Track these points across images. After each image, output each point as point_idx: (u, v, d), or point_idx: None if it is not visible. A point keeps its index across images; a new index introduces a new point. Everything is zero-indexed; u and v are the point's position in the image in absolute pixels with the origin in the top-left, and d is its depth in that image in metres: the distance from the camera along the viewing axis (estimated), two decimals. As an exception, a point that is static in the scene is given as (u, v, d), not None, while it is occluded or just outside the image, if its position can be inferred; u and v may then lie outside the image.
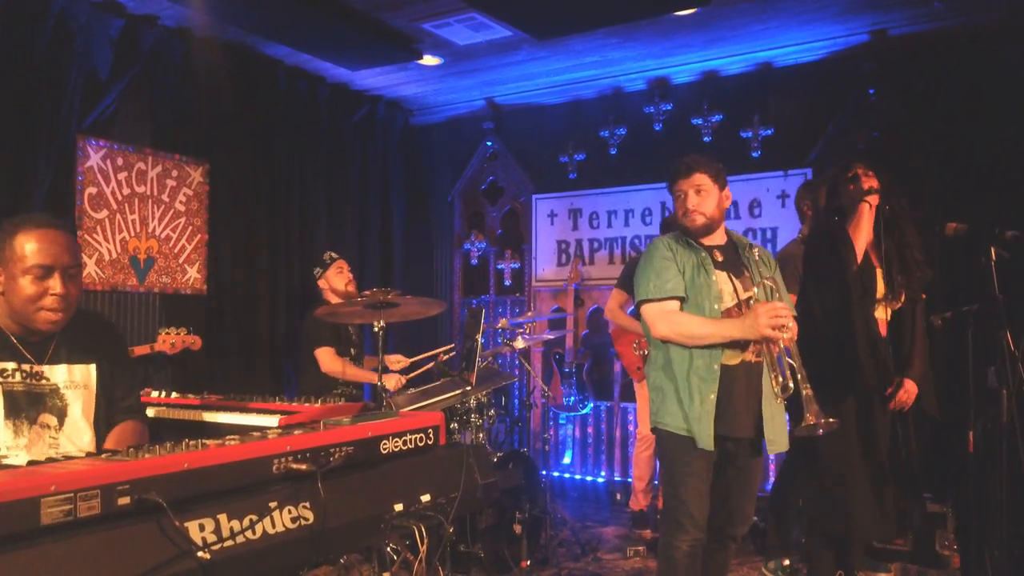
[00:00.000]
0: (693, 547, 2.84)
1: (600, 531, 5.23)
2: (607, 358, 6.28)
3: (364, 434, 1.98)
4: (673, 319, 2.88)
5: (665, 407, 2.92)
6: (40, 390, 2.19)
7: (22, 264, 2.11)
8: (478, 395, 4.01)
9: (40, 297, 2.13)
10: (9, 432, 2.11)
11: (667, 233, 4.87)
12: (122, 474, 1.49)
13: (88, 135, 4.71)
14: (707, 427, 2.81)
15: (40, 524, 1.37)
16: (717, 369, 2.84)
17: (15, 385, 2.14)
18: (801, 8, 4.75)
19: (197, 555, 1.50)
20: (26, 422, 2.14)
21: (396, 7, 4.74)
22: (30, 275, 2.11)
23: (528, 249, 6.75)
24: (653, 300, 2.92)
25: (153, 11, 4.81)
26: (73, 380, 2.25)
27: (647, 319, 2.94)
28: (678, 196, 3.02)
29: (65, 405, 2.22)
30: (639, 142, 6.25)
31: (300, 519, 1.71)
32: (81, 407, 2.25)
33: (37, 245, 2.12)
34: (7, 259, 2.13)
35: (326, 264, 4.64)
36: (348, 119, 6.38)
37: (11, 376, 2.14)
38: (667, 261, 2.94)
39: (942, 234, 3.11)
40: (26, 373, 2.17)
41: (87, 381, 2.28)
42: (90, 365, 2.30)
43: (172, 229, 5.18)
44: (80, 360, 2.28)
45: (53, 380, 2.21)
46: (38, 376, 2.19)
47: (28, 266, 2.11)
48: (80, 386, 2.26)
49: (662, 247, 3.00)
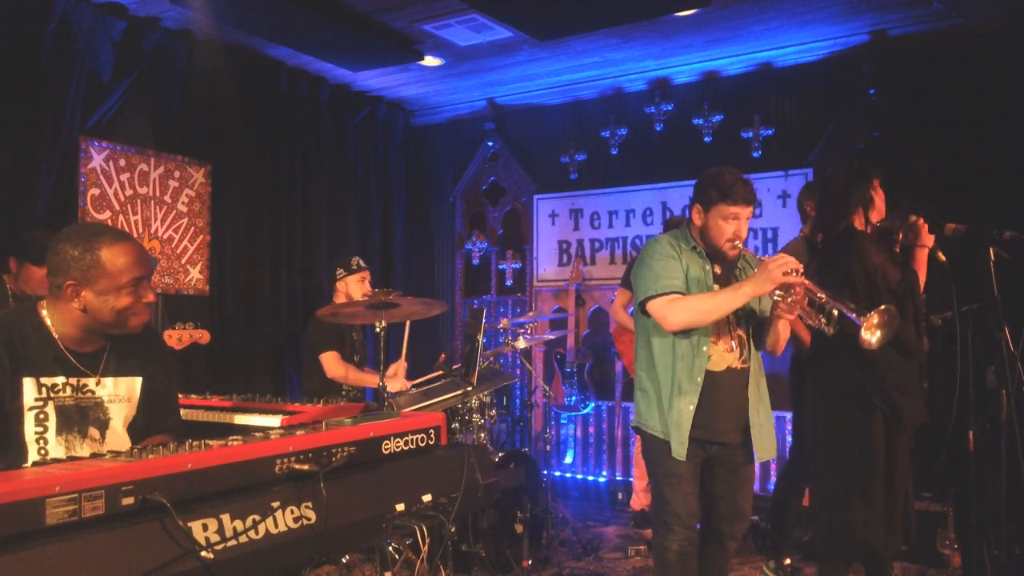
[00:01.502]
0: (683, 546, 2.84)
1: (601, 531, 5.24)
2: (608, 358, 6.29)
3: (366, 434, 1.98)
4: (684, 304, 2.78)
5: (650, 410, 2.91)
6: (87, 403, 2.16)
7: (117, 279, 2.08)
8: (479, 395, 4.02)
9: (134, 306, 2.13)
10: (62, 448, 2.09)
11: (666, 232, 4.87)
12: (126, 474, 1.50)
13: (91, 136, 4.73)
14: (682, 436, 2.80)
15: (45, 524, 1.38)
16: (700, 381, 2.81)
17: (66, 400, 2.12)
18: (801, 9, 4.76)
19: (200, 555, 1.51)
20: (78, 435, 2.12)
21: (397, 8, 4.75)
22: (126, 290, 2.10)
23: (529, 249, 6.76)
24: (658, 295, 2.82)
25: (155, 13, 4.83)
26: (118, 393, 2.22)
27: (656, 314, 2.82)
28: (728, 217, 2.83)
29: (108, 419, 2.20)
30: (640, 142, 6.26)
31: (303, 519, 1.72)
32: (123, 419, 2.23)
33: (129, 259, 2.11)
34: (92, 277, 2.07)
35: (352, 269, 4.56)
36: (350, 120, 6.40)
37: (62, 391, 2.12)
38: (671, 259, 2.88)
39: (941, 234, 3.12)
40: (74, 387, 2.14)
41: (131, 394, 2.25)
42: (136, 379, 2.27)
43: (174, 230, 5.19)
44: (128, 373, 2.25)
45: (99, 393, 2.19)
46: (84, 389, 2.16)
47: (126, 281, 2.09)
48: (124, 399, 2.23)
49: (665, 245, 2.93)
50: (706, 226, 2.90)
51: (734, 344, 2.90)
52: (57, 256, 2.08)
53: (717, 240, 2.88)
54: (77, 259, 2.06)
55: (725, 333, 2.89)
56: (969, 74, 5.04)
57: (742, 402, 2.91)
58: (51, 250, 2.10)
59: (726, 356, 2.88)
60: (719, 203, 2.84)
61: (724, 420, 2.87)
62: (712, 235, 2.89)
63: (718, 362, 2.86)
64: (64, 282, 2.07)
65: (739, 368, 2.90)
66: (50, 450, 2.07)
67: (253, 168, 5.61)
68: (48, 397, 2.09)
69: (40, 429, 2.07)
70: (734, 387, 2.89)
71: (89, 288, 2.08)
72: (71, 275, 2.07)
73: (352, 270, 4.59)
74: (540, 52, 5.47)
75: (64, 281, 2.07)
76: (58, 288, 2.09)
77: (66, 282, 2.07)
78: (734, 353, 2.90)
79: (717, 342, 2.87)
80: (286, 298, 5.81)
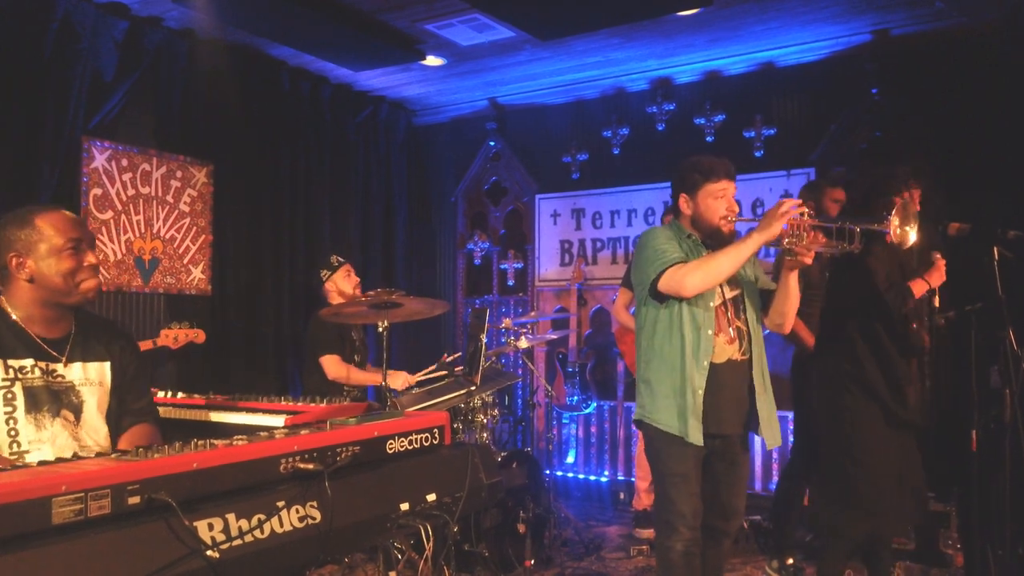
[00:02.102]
0: (687, 546, 2.83)
1: (603, 530, 5.24)
2: (610, 358, 6.29)
3: (370, 434, 1.98)
4: (695, 265, 2.77)
5: (655, 403, 2.90)
6: (58, 387, 2.22)
7: (54, 241, 2.16)
8: (482, 395, 4.02)
9: (77, 271, 2.19)
10: (31, 426, 2.15)
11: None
12: (132, 474, 1.49)
13: (93, 136, 4.73)
14: (696, 422, 2.80)
15: (51, 524, 1.38)
16: (707, 365, 2.83)
17: (34, 381, 2.18)
18: (803, 8, 4.76)
19: (206, 554, 1.50)
20: (48, 415, 2.18)
21: (399, 8, 4.75)
22: (65, 252, 2.17)
23: (531, 249, 6.76)
24: (665, 269, 2.81)
25: (157, 13, 4.83)
26: (88, 378, 2.28)
27: (671, 286, 2.78)
28: (717, 195, 2.88)
29: (81, 402, 2.25)
30: (642, 142, 6.26)
31: (308, 518, 1.72)
32: (96, 403, 2.28)
33: (64, 222, 2.19)
34: (31, 244, 2.16)
35: (334, 267, 4.61)
36: (351, 120, 6.40)
37: (30, 372, 2.18)
38: (670, 241, 2.90)
39: (945, 234, 3.12)
40: (43, 370, 2.20)
41: (102, 379, 2.31)
42: (104, 363, 2.33)
43: (176, 230, 5.20)
44: (94, 358, 2.31)
45: (69, 378, 2.25)
46: (54, 373, 2.22)
47: (62, 243, 2.17)
48: (95, 383, 2.29)
49: (661, 233, 2.96)
50: (697, 211, 2.93)
51: (733, 334, 2.91)
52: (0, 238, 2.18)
53: (712, 219, 2.90)
54: (15, 232, 2.16)
55: (725, 324, 2.90)
56: (971, 73, 5.03)
57: (743, 394, 2.92)
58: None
59: (726, 348, 2.89)
60: (705, 183, 2.89)
61: (727, 412, 2.88)
62: (706, 217, 2.91)
63: (719, 354, 2.87)
64: (7, 256, 2.16)
65: (739, 360, 2.91)
66: (20, 429, 2.13)
67: (255, 168, 5.61)
68: (15, 378, 2.15)
69: (8, 409, 2.13)
70: (735, 379, 2.90)
71: (30, 256, 2.16)
72: (13, 248, 2.16)
73: (334, 267, 4.62)
74: (542, 52, 5.47)
75: (7, 256, 2.16)
76: (4, 268, 2.18)
77: (9, 255, 2.16)
78: (734, 345, 2.90)
79: (718, 334, 2.87)
80: (288, 298, 5.81)
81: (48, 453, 2.15)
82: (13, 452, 2.12)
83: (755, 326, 2.97)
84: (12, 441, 2.11)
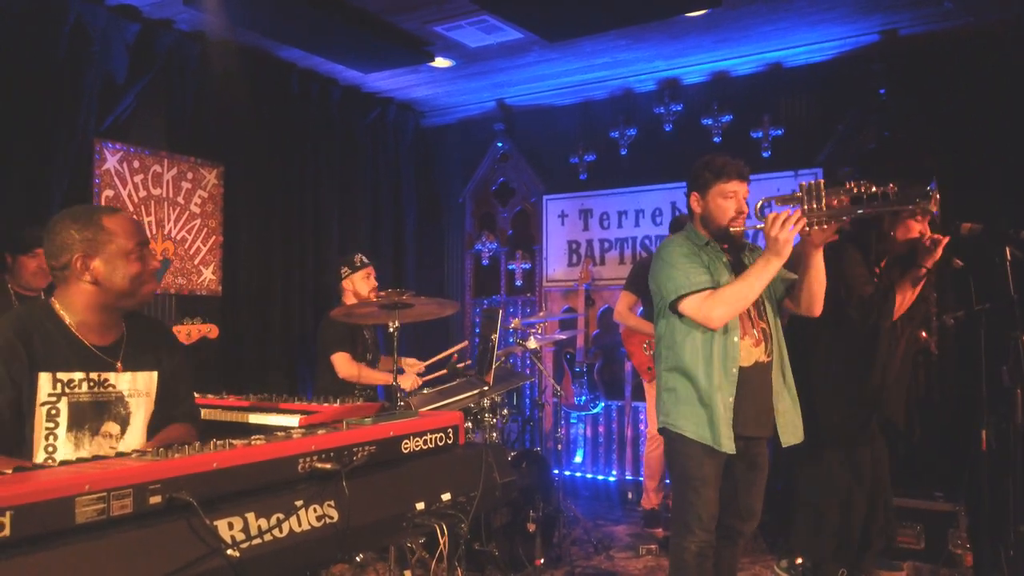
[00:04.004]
0: (702, 548, 2.85)
1: (612, 530, 5.25)
2: (618, 358, 6.30)
3: (386, 434, 2.00)
4: (721, 297, 2.78)
5: (679, 410, 2.89)
6: (106, 398, 2.16)
7: (125, 244, 2.13)
8: (492, 395, 4.03)
9: (143, 273, 2.17)
10: (70, 445, 2.08)
11: (677, 233, 4.88)
12: (154, 473, 1.51)
13: (105, 138, 4.76)
14: (728, 430, 2.81)
15: (75, 523, 1.39)
16: (735, 372, 2.83)
17: (81, 396, 2.11)
18: (811, 9, 4.76)
19: (227, 553, 1.52)
20: (88, 433, 2.11)
21: (409, 10, 4.77)
22: (134, 254, 2.14)
23: (539, 249, 6.78)
24: (690, 294, 2.82)
25: (168, 15, 4.86)
26: (137, 388, 2.23)
27: (697, 314, 2.81)
28: (727, 195, 2.89)
29: (129, 413, 2.20)
30: (649, 143, 6.27)
31: (325, 517, 1.74)
32: (143, 415, 2.24)
33: (131, 225, 2.17)
34: (101, 244, 2.10)
35: (356, 266, 4.61)
36: (360, 121, 6.42)
37: (78, 387, 2.11)
38: (692, 257, 2.89)
39: (957, 234, 3.12)
40: (93, 382, 2.14)
41: (149, 389, 2.26)
42: (153, 373, 2.28)
43: (187, 231, 5.22)
44: (145, 367, 2.26)
45: (119, 388, 2.19)
46: (105, 384, 2.16)
47: (131, 246, 2.14)
48: (143, 394, 2.24)
49: (682, 243, 2.95)
50: (707, 210, 2.95)
51: (759, 335, 2.92)
52: (59, 237, 2.10)
53: (721, 220, 2.92)
54: (81, 232, 2.09)
55: (749, 327, 2.91)
56: (979, 74, 5.03)
57: (768, 396, 2.93)
58: (50, 234, 2.11)
59: (752, 351, 2.90)
60: (715, 183, 2.91)
61: (752, 414, 2.88)
62: (715, 216, 2.93)
63: (746, 357, 2.88)
64: (72, 258, 2.09)
65: (765, 361, 2.92)
66: (58, 446, 2.06)
67: (265, 169, 5.64)
68: (62, 393, 2.07)
69: (51, 425, 2.05)
70: (761, 381, 2.91)
71: (98, 257, 2.10)
72: (77, 249, 2.09)
73: (356, 267, 4.62)
74: (550, 53, 5.49)
75: (71, 257, 2.09)
76: (65, 268, 2.10)
77: (73, 257, 2.08)
78: (760, 347, 2.91)
79: (744, 337, 2.88)
80: (298, 298, 5.84)
81: None
82: None
83: (776, 325, 2.98)
84: (48, 458, 2.04)
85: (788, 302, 3.02)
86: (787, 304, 3.03)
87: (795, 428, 2.99)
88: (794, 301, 2.99)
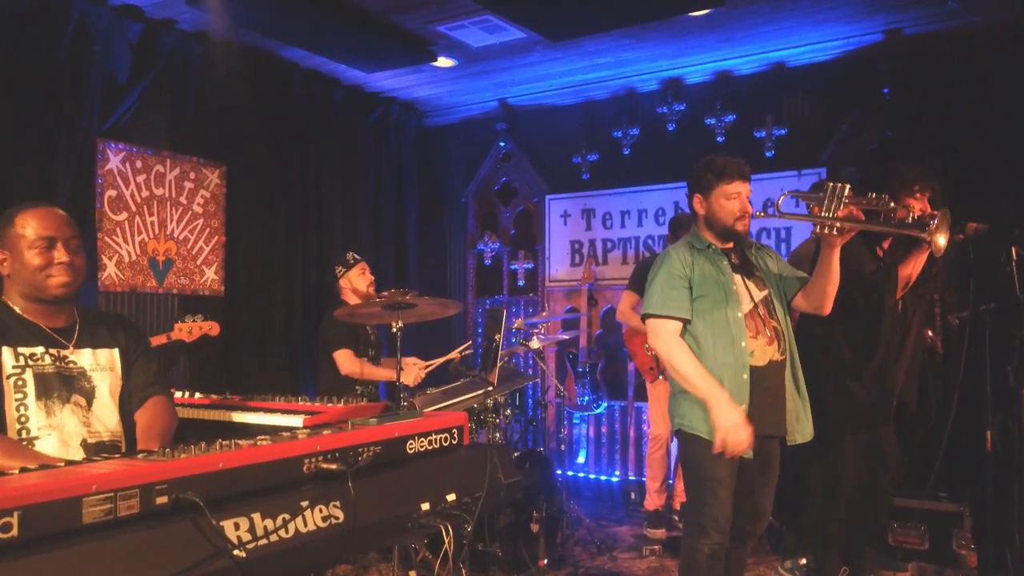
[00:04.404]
0: (715, 551, 2.84)
1: (615, 530, 5.25)
2: (621, 358, 6.30)
3: (391, 434, 2.00)
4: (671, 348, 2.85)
5: (693, 412, 2.88)
6: (69, 373, 2.29)
7: (26, 240, 2.26)
8: (496, 395, 4.03)
9: (47, 266, 2.27)
10: (42, 412, 2.20)
11: (676, 232, 4.88)
12: (160, 474, 1.51)
13: (108, 138, 4.76)
14: None
15: (82, 523, 1.40)
16: (746, 377, 2.83)
17: (46, 367, 2.25)
18: (815, 8, 4.76)
19: (233, 553, 1.52)
20: (58, 402, 2.24)
21: (411, 10, 4.77)
22: (35, 248, 2.25)
23: (541, 249, 6.77)
24: (657, 316, 2.89)
25: (171, 15, 4.86)
26: (99, 363, 2.36)
27: (649, 330, 2.94)
28: (731, 196, 2.89)
29: (93, 387, 2.32)
30: (652, 142, 6.27)
31: (331, 518, 1.74)
32: (108, 388, 2.35)
33: (37, 221, 2.28)
34: (11, 241, 2.27)
35: (349, 264, 4.62)
36: (363, 121, 6.42)
37: (40, 359, 2.25)
38: (680, 279, 2.89)
39: (962, 233, 3.11)
40: (55, 356, 2.27)
41: (112, 364, 2.39)
42: (113, 349, 2.41)
43: (190, 231, 5.22)
44: (103, 345, 2.39)
45: (80, 363, 2.32)
46: (66, 360, 2.29)
47: (32, 240, 2.26)
48: (106, 368, 2.37)
49: (677, 261, 2.93)
50: (711, 212, 2.94)
51: (771, 334, 2.91)
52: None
53: (726, 220, 2.92)
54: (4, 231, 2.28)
55: (761, 327, 2.90)
56: (983, 73, 5.02)
57: (782, 395, 2.92)
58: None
59: (767, 349, 2.89)
60: (718, 184, 2.90)
61: (767, 414, 2.87)
62: (720, 217, 2.93)
63: (760, 356, 2.87)
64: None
65: (779, 360, 2.91)
66: (30, 415, 2.19)
67: (267, 169, 5.64)
68: (26, 365, 2.22)
69: (20, 396, 2.19)
70: (776, 379, 2.91)
71: (9, 252, 2.28)
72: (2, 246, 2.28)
73: (350, 264, 4.62)
74: (553, 53, 5.48)
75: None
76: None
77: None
78: (774, 345, 2.90)
79: (756, 337, 2.88)
80: (300, 298, 5.84)
81: (57, 440, 2.19)
82: (23, 439, 2.17)
83: (787, 323, 2.98)
84: (22, 427, 2.17)
85: (799, 300, 3.01)
86: (797, 303, 3.03)
87: (804, 427, 2.98)
88: (806, 299, 2.98)
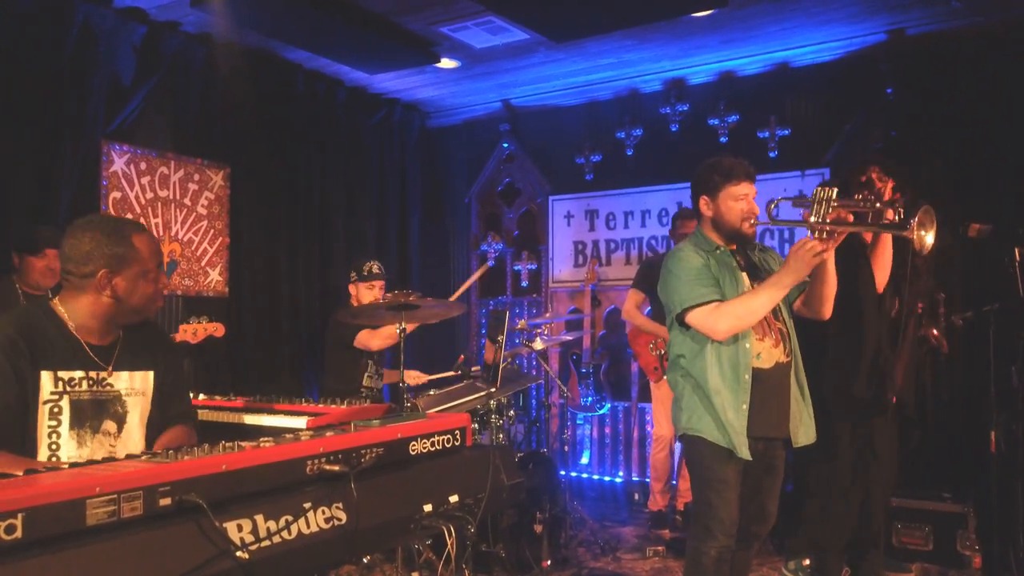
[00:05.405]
0: (721, 553, 2.83)
1: (619, 531, 5.24)
2: (624, 358, 6.30)
3: (394, 435, 2.00)
4: (728, 310, 2.77)
5: (696, 414, 2.88)
6: (104, 396, 2.19)
7: (146, 265, 2.18)
8: (499, 396, 4.03)
9: (156, 294, 2.23)
10: (73, 443, 2.11)
11: (679, 231, 4.87)
12: (163, 475, 1.51)
13: (112, 140, 4.78)
14: (743, 437, 2.80)
15: (86, 525, 1.39)
16: (748, 379, 2.82)
17: (82, 394, 2.14)
18: (818, 8, 4.75)
19: (236, 555, 1.52)
20: (89, 431, 2.14)
21: (415, 11, 4.78)
22: (151, 274, 2.20)
23: (545, 250, 6.77)
24: (697, 306, 2.82)
25: (175, 17, 4.87)
26: (134, 387, 2.26)
27: (702, 326, 2.81)
28: (739, 197, 2.88)
29: (125, 412, 2.23)
30: (655, 143, 6.27)
31: (334, 519, 1.73)
32: (139, 414, 2.27)
33: (152, 245, 2.22)
34: (130, 260, 2.15)
35: (364, 277, 4.52)
36: (366, 122, 6.43)
37: (78, 385, 2.14)
38: (703, 268, 2.87)
39: (965, 234, 3.11)
40: (92, 380, 2.17)
41: (145, 388, 2.29)
42: (149, 372, 2.31)
43: (194, 232, 5.24)
44: (141, 367, 2.29)
45: (117, 387, 2.22)
46: (103, 382, 2.19)
47: (152, 266, 2.20)
48: (140, 393, 2.27)
49: (692, 254, 2.92)
50: (718, 213, 2.93)
51: (777, 336, 2.90)
52: (86, 245, 2.11)
53: (733, 222, 2.90)
54: (111, 248, 2.11)
55: (768, 329, 2.89)
56: (987, 73, 5.01)
57: (787, 396, 2.92)
58: (74, 240, 2.12)
59: (773, 351, 2.88)
60: (725, 185, 2.89)
61: (773, 415, 2.87)
62: (727, 219, 2.91)
63: (767, 359, 2.87)
64: (96, 270, 2.11)
65: (785, 362, 2.91)
66: (61, 444, 2.09)
67: (271, 170, 5.66)
68: (64, 391, 2.10)
69: (54, 423, 2.08)
70: (781, 381, 2.90)
71: (122, 274, 2.13)
72: (104, 262, 2.11)
73: (364, 277, 4.53)
74: (556, 54, 5.48)
75: (96, 269, 2.11)
76: (86, 277, 2.11)
77: (99, 271, 2.11)
78: (779, 348, 2.90)
79: (763, 339, 2.87)
80: (304, 299, 5.85)
81: None
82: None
83: (792, 326, 2.98)
84: (52, 455, 2.07)
85: (798, 305, 3.01)
86: (798, 308, 3.02)
87: (807, 429, 2.98)
88: (806, 304, 2.98)
